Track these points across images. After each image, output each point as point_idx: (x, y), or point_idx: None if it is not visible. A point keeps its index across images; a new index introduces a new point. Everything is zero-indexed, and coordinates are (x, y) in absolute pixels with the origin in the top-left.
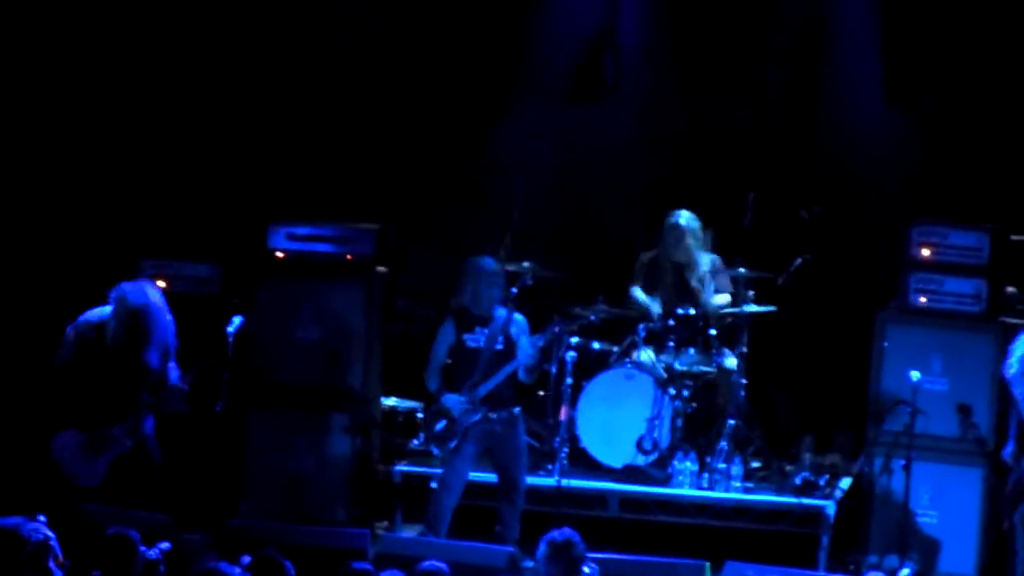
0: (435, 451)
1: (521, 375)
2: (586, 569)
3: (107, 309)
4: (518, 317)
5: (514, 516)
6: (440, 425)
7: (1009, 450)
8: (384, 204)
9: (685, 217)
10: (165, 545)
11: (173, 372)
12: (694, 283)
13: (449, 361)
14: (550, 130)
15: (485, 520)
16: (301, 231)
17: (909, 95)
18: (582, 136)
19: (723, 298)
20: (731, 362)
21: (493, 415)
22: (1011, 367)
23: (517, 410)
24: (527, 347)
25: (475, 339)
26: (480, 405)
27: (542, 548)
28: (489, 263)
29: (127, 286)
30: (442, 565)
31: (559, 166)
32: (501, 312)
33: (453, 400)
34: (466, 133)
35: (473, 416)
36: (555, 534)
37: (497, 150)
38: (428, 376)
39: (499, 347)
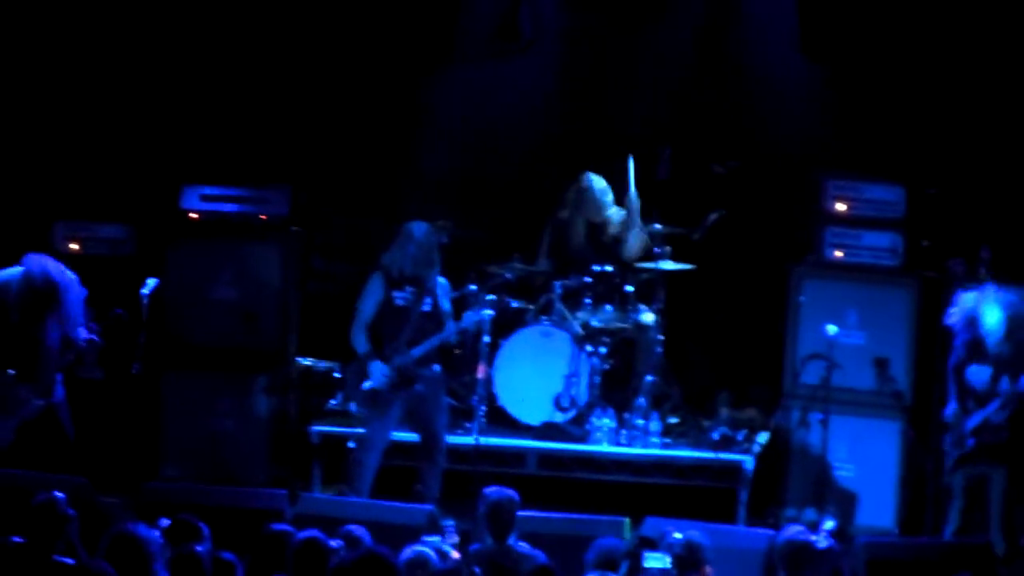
0: (353, 410)
1: (451, 337)
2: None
3: (14, 271)
4: (440, 279)
5: (435, 475)
6: (366, 384)
7: (951, 410)
8: (300, 163)
9: (597, 181)
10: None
11: (82, 334)
12: (607, 240)
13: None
14: (467, 87)
15: (405, 479)
16: (215, 192)
17: (823, 47)
18: (498, 93)
19: (639, 249)
20: (648, 318)
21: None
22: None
23: (438, 369)
24: (457, 319)
25: (403, 297)
26: (408, 372)
27: (480, 506)
28: (421, 228)
29: (35, 261)
30: (361, 530)
31: (475, 123)
32: (431, 276)
33: (378, 370)
34: (383, 92)
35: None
36: (492, 491)
37: (415, 108)
38: (355, 333)
39: (426, 308)
